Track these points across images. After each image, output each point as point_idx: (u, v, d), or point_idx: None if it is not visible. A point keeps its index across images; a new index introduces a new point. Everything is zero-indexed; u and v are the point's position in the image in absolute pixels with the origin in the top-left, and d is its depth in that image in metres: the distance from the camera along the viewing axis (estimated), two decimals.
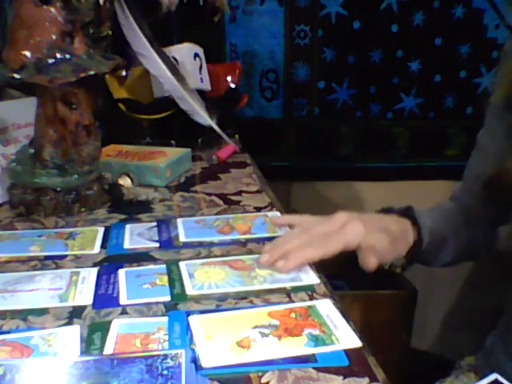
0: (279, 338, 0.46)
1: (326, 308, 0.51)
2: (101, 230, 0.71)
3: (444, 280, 1.62)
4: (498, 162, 0.71)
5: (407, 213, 0.71)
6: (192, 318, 0.49)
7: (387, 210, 0.73)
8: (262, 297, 0.54)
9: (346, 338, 0.46)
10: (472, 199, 0.79)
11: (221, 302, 0.53)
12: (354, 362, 0.44)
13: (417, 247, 0.70)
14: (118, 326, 0.49)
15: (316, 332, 0.47)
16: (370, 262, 0.62)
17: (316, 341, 0.46)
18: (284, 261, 0.58)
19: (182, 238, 0.68)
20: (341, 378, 0.42)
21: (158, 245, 0.66)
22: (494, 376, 0.49)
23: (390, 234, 0.65)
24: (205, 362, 0.43)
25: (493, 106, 0.74)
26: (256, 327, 0.48)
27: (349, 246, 0.61)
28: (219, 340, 0.46)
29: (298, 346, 0.45)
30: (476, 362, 0.83)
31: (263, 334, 0.47)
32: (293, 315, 0.50)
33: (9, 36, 0.71)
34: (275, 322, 0.49)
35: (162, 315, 0.51)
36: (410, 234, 0.69)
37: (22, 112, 0.88)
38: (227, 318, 0.50)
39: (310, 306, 0.51)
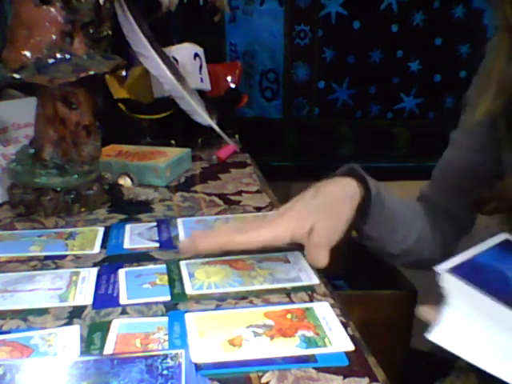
0: (272, 338, 0.46)
1: (324, 310, 0.51)
2: (101, 230, 0.71)
3: None
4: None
5: (352, 172, 0.66)
6: (188, 316, 0.50)
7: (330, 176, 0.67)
8: (262, 297, 0.54)
9: (340, 340, 0.46)
10: (440, 197, 0.79)
11: (221, 302, 0.53)
12: (354, 362, 0.44)
13: (366, 202, 0.64)
14: (118, 326, 0.49)
15: (309, 334, 0.47)
16: (320, 260, 0.55)
17: (308, 342, 0.46)
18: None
19: (182, 238, 0.68)
20: (341, 378, 0.42)
21: (158, 245, 0.66)
22: (503, 236, 0.50)
23: (333, 213, 0.59)
24: (194, 358, 0.43)
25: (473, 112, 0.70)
26: (250, 326, 0.48)
27: (277, 239, 0.57)
28: (212, 337, 0.46)
29: (289, 347, 0.45)
30: None
31: (256, 334, 0.47)
32: (289, 316, 0.50)
33: (9, 36, 0.71)
34: (270, 322, 0.49)
35: (162, 315, 0.51)
36: (357, 194, 0.64)
37: (22, 112, 0.88)
38: (223, 317, 0.50)
39: (307, 308, 0.51)
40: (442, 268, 0.45)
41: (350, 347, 0.45)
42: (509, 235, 0.51)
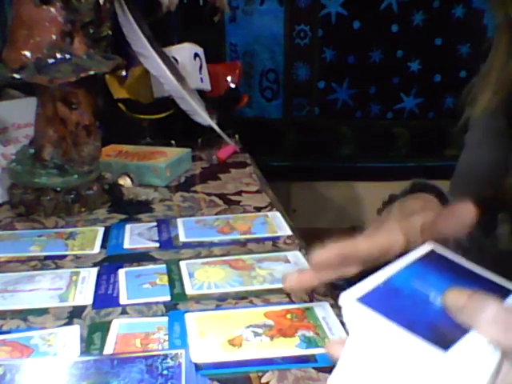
0: (272, 338, 0.46)
1: (324, 311, 0.51)
2: (101, 230, 0.71)
3: None
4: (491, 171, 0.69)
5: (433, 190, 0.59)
6: (188, 316, 0.50)
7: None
8: (262, 297, 0.54)
9: None
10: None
11: (221, 302, 0.53)
12: None
13: None
14: (118, 326, 0.49)
15: (309, 334, 0.47)
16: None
17: (308, 342, 0.46)
18: None
19: (182, 238, 0.68)
20: None
21: (157, 245, 0.66)
22: (428, 247, 0.42)
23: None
24: (194, 358, 0.43)
25: (481, 108, 0.69)
26: (250, 326, 0.48)
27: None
28: (212, 337, 0.46)
29: (289, 347, 0.45)
30: None
31: (256, 334, 0.47)
32: (289, 316, 0.50)
33: (9, 36, 0.71)
34: (270, 322, 0.49)
35: (162, 315, 0.51)
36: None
37: (22, 112, 0.88)
38: (223, 317, 0.50)
39: (307, 308, 0.51)
40: (348, 296, 0.35)
41: None
42: (434, 245, 0.42)
